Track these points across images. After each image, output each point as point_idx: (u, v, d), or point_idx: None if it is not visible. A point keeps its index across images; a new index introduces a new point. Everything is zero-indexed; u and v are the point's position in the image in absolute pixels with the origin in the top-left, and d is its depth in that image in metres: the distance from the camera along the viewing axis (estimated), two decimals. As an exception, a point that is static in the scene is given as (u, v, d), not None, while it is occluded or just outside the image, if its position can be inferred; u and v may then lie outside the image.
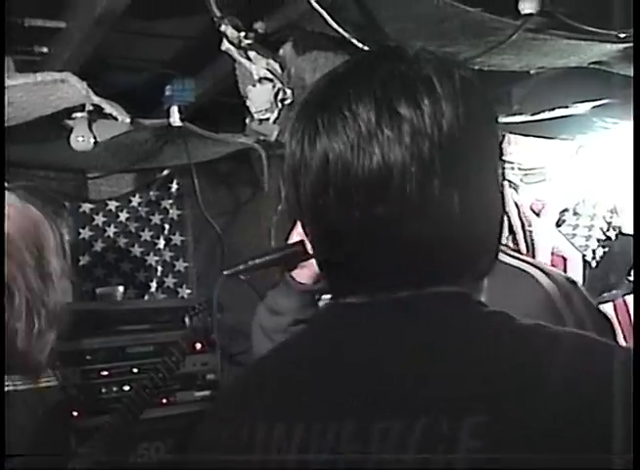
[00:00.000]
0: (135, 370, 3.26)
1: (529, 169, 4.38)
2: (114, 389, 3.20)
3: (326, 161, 0.86)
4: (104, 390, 3.19)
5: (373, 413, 0.82)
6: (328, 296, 0.98)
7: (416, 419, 0.79)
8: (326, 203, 0.87)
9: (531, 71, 2.81)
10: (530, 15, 2.19)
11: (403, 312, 0.87)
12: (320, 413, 0.86)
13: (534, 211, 4.33)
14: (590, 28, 2.29)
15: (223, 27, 2.26)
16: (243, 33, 2.31)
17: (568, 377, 0.78)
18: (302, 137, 0.89)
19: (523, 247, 4.27)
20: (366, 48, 2.17)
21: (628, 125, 3.63)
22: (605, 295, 4.16)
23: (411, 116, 0.83)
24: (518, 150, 4.14)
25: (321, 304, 1.52)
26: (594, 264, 4.36)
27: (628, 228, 4.36)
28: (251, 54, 2.37)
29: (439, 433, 0.77)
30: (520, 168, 4.32)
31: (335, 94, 0.89)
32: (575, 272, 4.27)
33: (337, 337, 0.91)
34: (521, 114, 3.28)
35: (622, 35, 2.34)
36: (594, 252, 4.33)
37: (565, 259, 4.27)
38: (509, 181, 4.30)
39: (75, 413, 2.88)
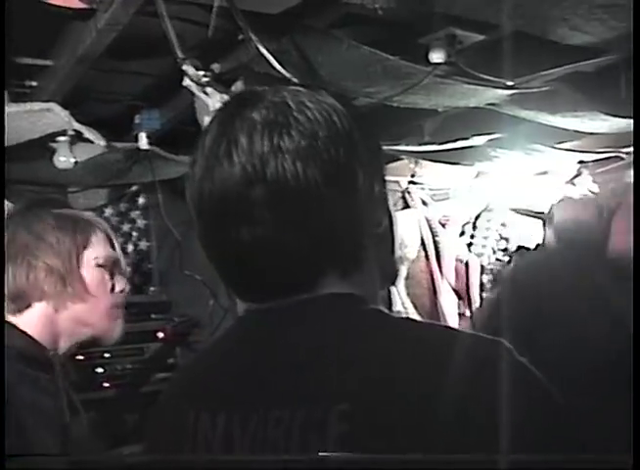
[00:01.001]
0: (107, 355, 3.24)
1: (438, 189, 4.47)
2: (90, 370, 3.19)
3: (199, 193, 0.88)
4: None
5: (270, 403, 0.82)
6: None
7: (299, 408, 0.79)
8: (205, 227, 0.90)
9: (439, 109, 2.88)
10: (439, 63, 2.26)
11: (293, 315, 0.86)
12: (226, 404, 0.86)
13: (442, 224, 4.41)
14: (485, 76, 2.36)
15: (185, 67, 2.27)
16: (201, 72, 2.33)
17: (431, 369, 0.77)
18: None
19: (432, 254, 4.36)
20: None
21: (515, 155, 3.74)
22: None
23: (225, 159, 0.84)
24: (428, 173, 4.22)
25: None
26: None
27: (516, 240, 4.47)
28: (208, 89, 2.38)
29: (315, 419, 0.77)
30: (430, 189, 4.41)
31: (202, 140, 0.90)
32: (474, 274, 4.37)
33: (244, 338, 0.91)
34: (431, 143, 3.34)
35: (509, 83, 2.42)
36: (489, 257, 4.43)
37: (465, 264, 4.36)
38: (421, 199, 4.40)
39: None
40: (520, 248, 3.87)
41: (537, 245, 1.87)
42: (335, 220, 0.84)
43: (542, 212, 1.92)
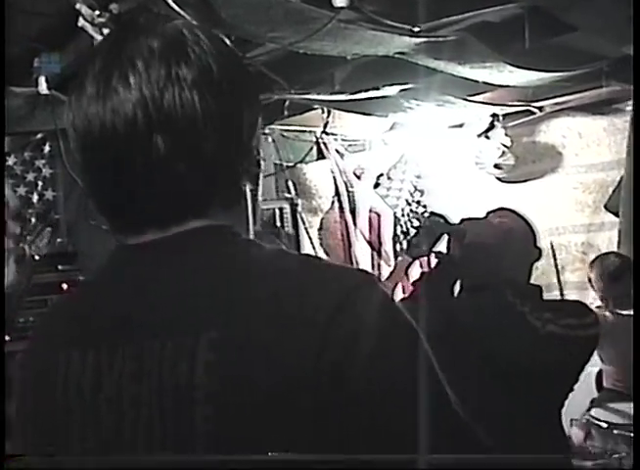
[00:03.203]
0: (9, 307, 3.13)
1: (352, 141, 4.45)
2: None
3: (72, 121, 0.85)
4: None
5: (145, 335, 0.82)
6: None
7: (169, 338, 0.80)
8: (88, 153, 0.86)
9: (348, 57, 2.82)
10: (342, 8, 2.20)
11: (170, 250, 0.85)
12: (104, 338, 0.85)
13: (356, 175, 4.40)
14: (389, 22, 2.32)
15: (78, 6, 2.16)
16: (97, 12, 2.21)
17: (295, 296, 0.78)
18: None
19: (346, 205, 4.35)
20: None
21: (429, 107, 3.73)
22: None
23: (120, 85, 0.81)
24: (342, 124, 4.19)
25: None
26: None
27: (431, 192, 4.50)
28: (105, 31, 2.27)
29: (184, 347, 0.78)
30: (343, 139, 4.38)
31: (89, 65, 0.86)
32: (388, 226, 4.39)
33: (122, 274, 0.89)
34: (342, 93, 3.29)
35: (416, 29, 2.38)
36: (402, 210, 4.45)
37: (379, 216, 4.38)
38: (336, 150, 4.37)
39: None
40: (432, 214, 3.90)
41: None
42: (223, 152, 0.85)
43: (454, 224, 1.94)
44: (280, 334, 0.76)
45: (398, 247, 4.38)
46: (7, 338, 3.04)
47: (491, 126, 4.21)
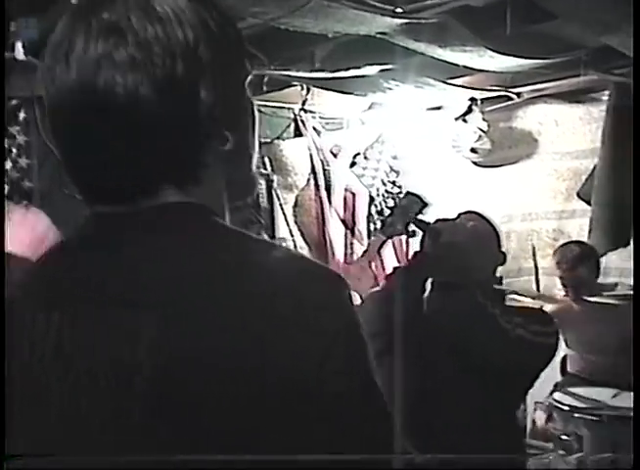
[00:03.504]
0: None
1: (330, 119, 4.44)
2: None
3: (46, 93, 0.84)
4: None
5: (107, 305, 0.82)
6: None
7: (127, 310, 0.79)
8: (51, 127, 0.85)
9: (329, 35, 2.82)
10: (324, -15, 2.20)
11: (139, 225, 0.85)
12: (61, 305, 0.85)
13: (333, 154, 4.40)
14: (371, 2, 2.32)
15: (57, -30, 2.13)
16: (76, -22, 2.18)
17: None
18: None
19: (322, 183, 4.36)
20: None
21: (408, 88, 3.74)
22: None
23: (63, 63, 0.80)
24: (320, 102, 4.18)
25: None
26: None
27: (406, 173, 4.52)
28: (84, -2, 2.24)
29: (137, 322, 0.78)
30: (321, 117, 4.37)
31: (50, 37, 0.86)
32: (362, 205, 4.41)
33: (93, 242, 0.88)
34: (322, 70, 3.29)
35: (398, 10, 2.38)
36: (378, 190, 4.47)
37: (354, 195, 4.39)
38: (313, 128, 4.36)
39: None
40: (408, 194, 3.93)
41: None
42: (168, 135, 0.82)
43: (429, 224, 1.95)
44: (243, 313, 0.76)
45: (372, 226, 4.40)
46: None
47: (469, 110, 4.22)
